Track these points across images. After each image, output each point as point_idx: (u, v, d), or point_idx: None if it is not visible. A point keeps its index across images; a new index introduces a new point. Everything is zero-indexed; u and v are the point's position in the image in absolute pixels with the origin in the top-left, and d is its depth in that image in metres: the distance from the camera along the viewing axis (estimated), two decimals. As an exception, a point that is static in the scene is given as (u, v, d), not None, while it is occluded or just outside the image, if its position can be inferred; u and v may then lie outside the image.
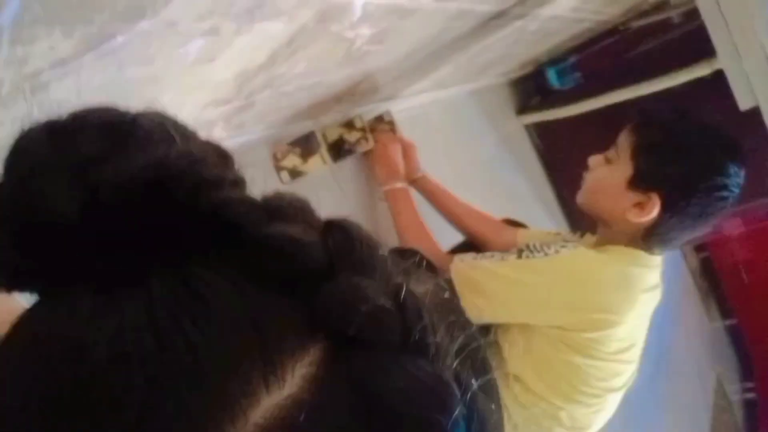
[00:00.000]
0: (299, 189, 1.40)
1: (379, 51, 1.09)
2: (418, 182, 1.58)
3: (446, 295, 0.34)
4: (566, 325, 1.21)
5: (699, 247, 3.88)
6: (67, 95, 0.66)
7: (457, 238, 1.59)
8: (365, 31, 0.88)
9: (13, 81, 0.57)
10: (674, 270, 3.46)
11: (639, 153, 1.24)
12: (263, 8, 0.64)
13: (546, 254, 1.25)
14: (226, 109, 0.98)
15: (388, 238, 1.48)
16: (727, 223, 3.42)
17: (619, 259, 1.23)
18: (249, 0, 0.61)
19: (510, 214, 1.59)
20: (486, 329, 1.36)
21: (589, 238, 1.36)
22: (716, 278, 3.97)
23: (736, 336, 4.00)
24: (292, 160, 1.38)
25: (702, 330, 3.88)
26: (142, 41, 0.60)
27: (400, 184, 1.48)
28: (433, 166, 1.68)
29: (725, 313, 3.98)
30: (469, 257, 1.32)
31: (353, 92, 1.37)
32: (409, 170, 1.58)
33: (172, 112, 0.99)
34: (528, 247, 1.30)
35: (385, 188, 1.49)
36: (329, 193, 1.49)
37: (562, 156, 2.33)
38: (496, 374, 1.25)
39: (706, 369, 3.68)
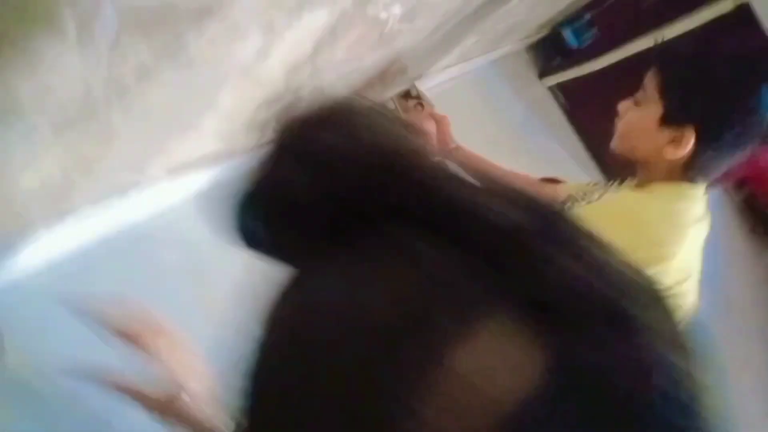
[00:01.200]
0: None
1: (409, 30, 1.15)
2: (454, 154, 1.63)
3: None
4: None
5: (740, 184, 3.83)
6: (148, 103, 0.74)
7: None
8: (397, 10, 0.94)
9: (107, 97, 0.65)
10: (719, 209, 3.43)
11: (666, 90, 1.27)
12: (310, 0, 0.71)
13: (590, 201, 1.29)
14: (276, 108, 1.06)
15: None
16: (765, 156, 3.37)
17: (662, 195, 1.26)
18: (299, -7, 0.67)
19: (546, 174, 1.64)
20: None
21: (629, 182, 1.39)
22: (761, 214, 3.91)
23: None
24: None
25: (754, 266, 3.84)
26: (209, 43, 0.68)
27: (436, 158, 1.53)
28: (465, 137, 1.72)
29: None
30: None
31: (384, 77, 1.43)
32: (443, 143, 1.63)
33: (228, 116, 1.06)
34: (571, 197, 1.35)
35: None
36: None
37: (588, 112, 2.34)
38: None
39: (764, 306, 3.65)
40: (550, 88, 2.52)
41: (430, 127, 1.60)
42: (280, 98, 1.07)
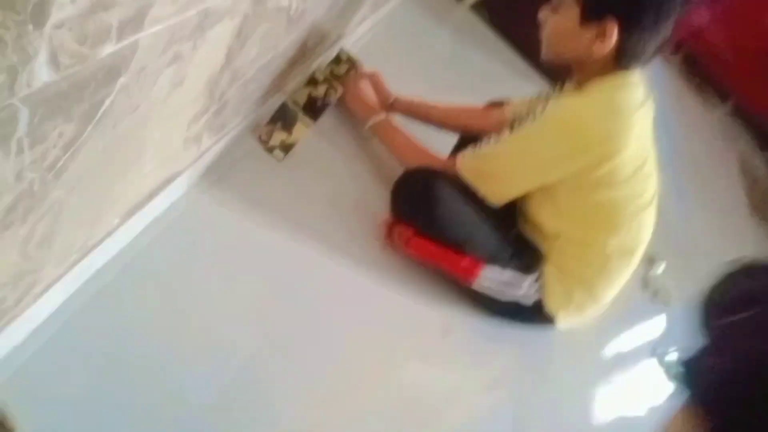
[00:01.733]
0: (296, 161, 1.47)
1: (313, 2, 1.13)
2: (395, 105, 1.64)
3: None
4: (581, 170, 1.30)
5: (676, 48, 3.87)
6: (84, 171, 0.73)
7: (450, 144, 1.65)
8: (296, -8, 0.92)
9: (41, 177, 0.64)
10: (661, 78, 3.49)
11: None
12: (208, 17, 0.69)
13: (534, 118, 1.32)
14: (206, 118, 1.04)
15: (393, 169, 1.55)
16: (693, 17, 3.40)
17: (600, 92, 1.29)
18: (195, 16, 0.66)
19: (493, 95, 1.65)
20: (513, 207, 1.45)
21: (569, 85, 1.42)
22: (702, 71, 3.99)
23: (741, 114, 4.06)
24: (278, 137, 1.43)
25: (707, 122, 3.95)
26: (124, 95, 0.66)
27: (379, 116, 1.54)
28: (403, 84, 1.72)
29: (723, 97, 4.02)
30: (469, 151, 1.39)
31: (305, 51, 1.41)
32: (381, 98, 1.63)
33: (163, 146, 1.06)
34: (517, 118, 1.37)
35: (368, 126, 1.54)
36: (324, 152, 1.55)
37: (515, 21, 2.33)
38: (539, 241, 1.39)
39: (725, 154, 3.78)
40: (472, 7, 2.49)
41: (366, 87, 1.59)
42: (207, 109, 1.06)
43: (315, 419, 1.15)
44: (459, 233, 1.37)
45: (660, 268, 2.14)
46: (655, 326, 2.03)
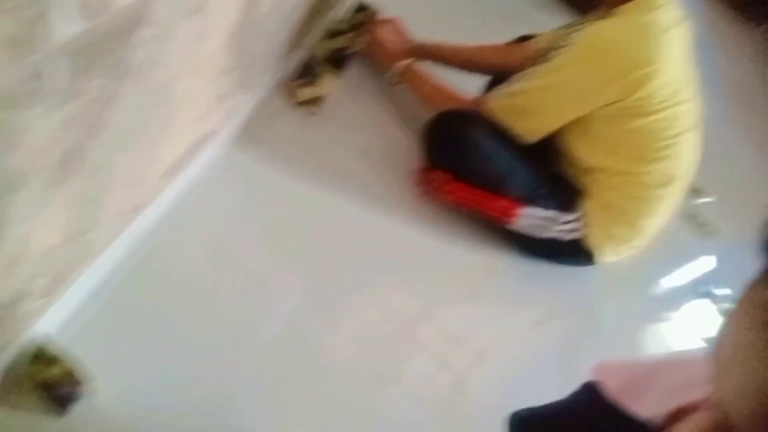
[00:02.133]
0: (326, 114, 1.48)
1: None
2: (417, 50, 1.61)
3: None
4: (613, 99, 1.26)
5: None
6: (124, 127, 0.75)
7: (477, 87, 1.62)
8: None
9: (85, 131, 0.67)
10: (697, 1, 3.32)
11: None
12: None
13: (564, 47, 1.28)
14: (234, 74, 1.06)
15: (422, 116, 1.54)
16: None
17: (628, 15, 1.25)
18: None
19: (516, 34, 1.61)
20: (548, 144, 1.43)
21: (596, 13, 1.37)
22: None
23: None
24: (307, 92, 1.44)
25: (750, 45, 3.76)
26: (154, 47, 0.68)
27: (403, 62, 1.52)
28: (425, 27, 1.69)
29: (762, 18, 3.80)
30: (499, 90, 1.37)
31: (324, 1, 1.40)
32: (403, 44, 1.60)
33: (197, 102, 1.08)
34: (546, 49, 1.34)
35: (392, 72, 1.53)
36: (352, 103, 1.55)
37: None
38: (578, 176, 1.35)
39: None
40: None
41: (387, 34, 1.57)
42: (235, 64, 1.08)
43: (364, 361, 1.19)
44: (495, 174, 1.36)
45: (706, 200, 2.08)
46: (702, 261, 1.98)
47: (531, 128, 1.35)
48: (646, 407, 0.60)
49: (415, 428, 1.14)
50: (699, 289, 1.84)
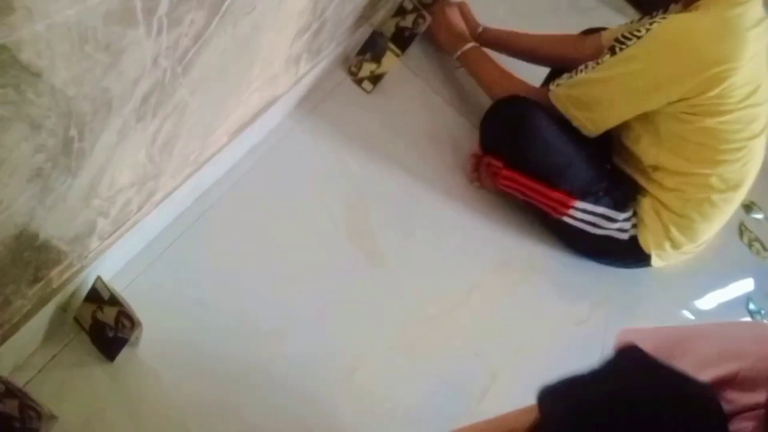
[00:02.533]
0: (384, 93, 1.46)
1: None
2: (483, 35, 1.58)
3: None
4: (685, 95, 1.22)
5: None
6: (207, 71, 0.75)
7: (542, 75, 1.59)
8: None
9: (172, 68, 0.66)
10: None
11: None
12: None
13: (638, 38, 1.24)
14: (307, 36, 1.05)
15: (482, 101, 1.52)
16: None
17: (711, 9, 1.20)
18: None
19: (583, 27, 1.57)
20: (609, 138, 1.39)
21: (675, 8, 1.32)
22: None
23: None
24: (368, 68, 1.43)
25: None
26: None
27: (469, 45, 1.49)
28: (491, 14, 1.67)
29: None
30: (563, 79, 1.33)
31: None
32: (469, 27, 1.58)
33: (269, 61, 1.07)
34: (618, 39, 1.29)
35: (456, 55, 1.50)
36: (411, 84, 1.53)
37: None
38: (636, 174, 1.32)
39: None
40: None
41: (454, 16, 1.55)
42: (309, 26, 1.06)
43: (404, 340, 1.17)
44: (552, 164, 1.33)
45: (758, 216, 2.02)
46: (749, 279, 1.92)
47: (594, 121, 1.31)
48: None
49: (448, 413, 1.12)
50: (744, 305, 1.79)
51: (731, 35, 1.18)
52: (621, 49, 1.25)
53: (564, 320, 1.42)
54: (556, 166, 1.33)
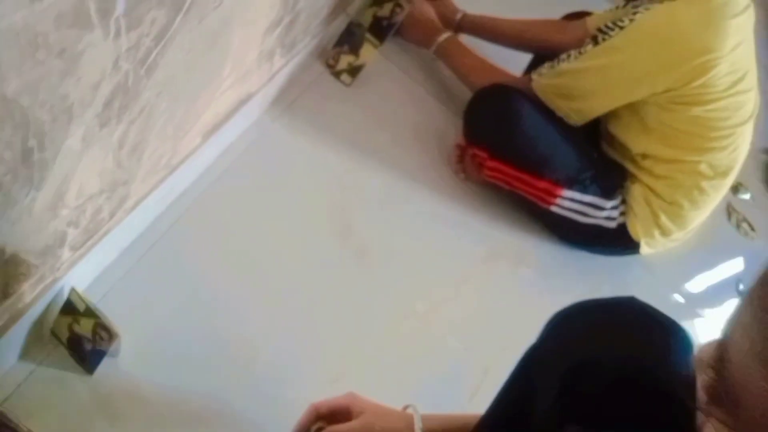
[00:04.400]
0: (364, 86, 1.43)
1: None
2: (462, 22, 1.55)
3: None
4: (672, 85, 1.20)
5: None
6: (173, 71, 0.71)
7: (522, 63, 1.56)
8: None
9: (134, 70, 0.63)
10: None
11: None
12: None
13: (621, 28, 1.22)
14: (279, 30, 1.02)
15: (464, 92, 1.49)
16: None
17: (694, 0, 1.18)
18: None
19: (567, 10, 1.55)
20: (596, 126, 1.37)
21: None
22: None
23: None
24: (345, 60, 1.40)
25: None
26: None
27: (443, 36, 1.46)
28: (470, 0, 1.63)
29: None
30: (546, 68, 1.31)
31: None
32: (448, 14, 1.54)
33: (240, 58, 1.03)
34: (601, 29, 1.27)
35: (433, 49, 1.47)
36: (391, 76, 1.50)
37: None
38: (624, 162, 1.31)
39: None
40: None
41: (426, 10, 1.50)
42: (281, 19, 1.03)
43: (392, 337, 1.15)
44: (538, 154, 1.31)
45: (745, 197, 2.02)
46: (739, 260, 1.92)
47: (577, 111, 1.29)
48: None
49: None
50: (734, 287, 1.79)
51: (715, 24, 1.16)
52: (603, 39, 1.23)
53: (555, 311, 1.40)
54: (541, 155, 1.31)
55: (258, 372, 1.00)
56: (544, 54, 1.45)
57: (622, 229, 1.37)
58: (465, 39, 1.52)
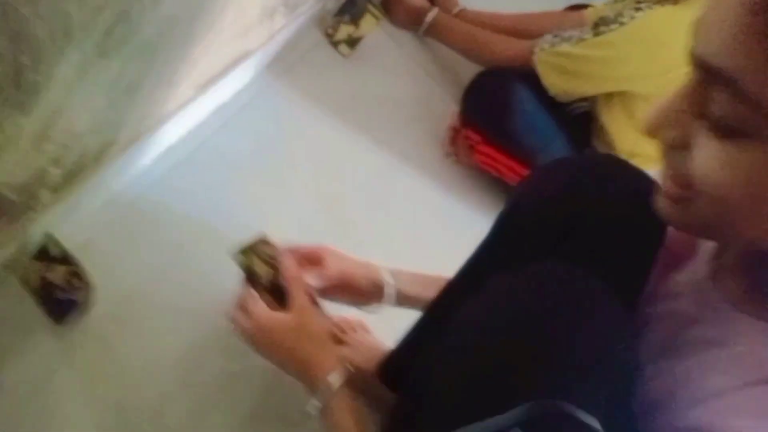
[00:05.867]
0: (361, 59, 1.40)
1: None
2: (459, 17, 1.53)
3: None
4: (665, 85, 1.21)
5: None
6: (177, 10, 0.68)
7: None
8: None
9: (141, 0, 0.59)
10: None
11: None
12: None
13: (621, 24, 1.22)
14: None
15: (463, 72, 1.47)
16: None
17: (694, 5, 1.19)
18: None
19: (572, 2, 1.54)
20: (589, 123, 1.37)
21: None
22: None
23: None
24: (345, 30, 1.36)
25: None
26: None
27: (431, 15, 1.44)
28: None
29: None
30: (547, 44, 1.30)
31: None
32: (446, 7, 1.53)
33: (242, 10, 0.99)
34: (603, 20, 1.27)
35: (422, 29, 1.46)
36: (389, 51, 1.48)
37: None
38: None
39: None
40: None
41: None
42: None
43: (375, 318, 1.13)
44: (531, 143, 1.31)
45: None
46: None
47: (565, 88, 1.30)
48: None
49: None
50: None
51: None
52: (603, 31, 1.24)
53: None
54: (534, 145, 1.31)
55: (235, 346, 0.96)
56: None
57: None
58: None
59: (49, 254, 0.81)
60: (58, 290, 0.83)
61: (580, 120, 1.35)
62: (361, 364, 0.91)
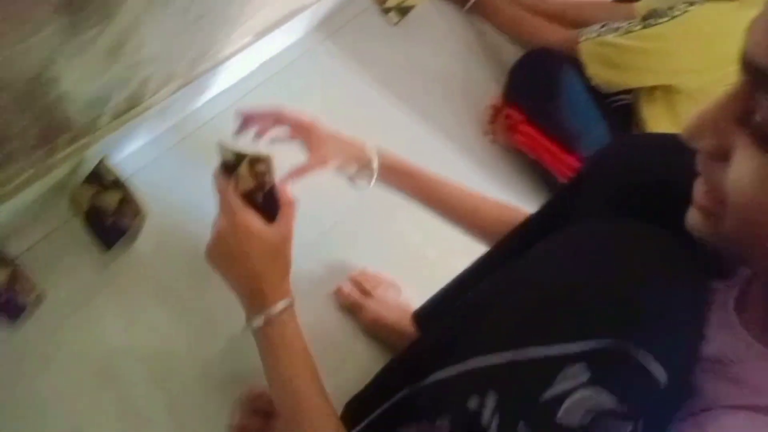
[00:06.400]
0: (409, 28, 1.41)
1: None
2: (513, 3, 1.53)
3: None
4: (710, 82, 1.20)
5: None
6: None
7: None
8: None
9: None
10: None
11: None
12: None
13: (672, 17, 1.21)
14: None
15: (510, 51, 1.47)
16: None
17: (757, 4, 1.17)
18: None
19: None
20: (631, 113, 1.37)
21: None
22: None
23: None
24: (397, -1, 1.37)
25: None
26: None
27: None
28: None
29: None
30: (594, 33, 1.30)
31: None
32: None
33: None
34: (653, 12, 1.26)
35: (465, 8, 1.47)
36: (438, 24, 1.48)
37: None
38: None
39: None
40: None
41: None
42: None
43: (404, 284, 1.15)
44: (574, 127, 1.30)
45: None
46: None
47: (608, 78, 1.29)
48: None
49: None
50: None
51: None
52: (652, 24, 1.23)
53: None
54: (576, 129, 1.31)
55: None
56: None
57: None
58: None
59: (103, 178, 0.83)
60: (108, 216, 0.85)
61: (620, 113, 1.34)
62: (383, 315, 0.93)
